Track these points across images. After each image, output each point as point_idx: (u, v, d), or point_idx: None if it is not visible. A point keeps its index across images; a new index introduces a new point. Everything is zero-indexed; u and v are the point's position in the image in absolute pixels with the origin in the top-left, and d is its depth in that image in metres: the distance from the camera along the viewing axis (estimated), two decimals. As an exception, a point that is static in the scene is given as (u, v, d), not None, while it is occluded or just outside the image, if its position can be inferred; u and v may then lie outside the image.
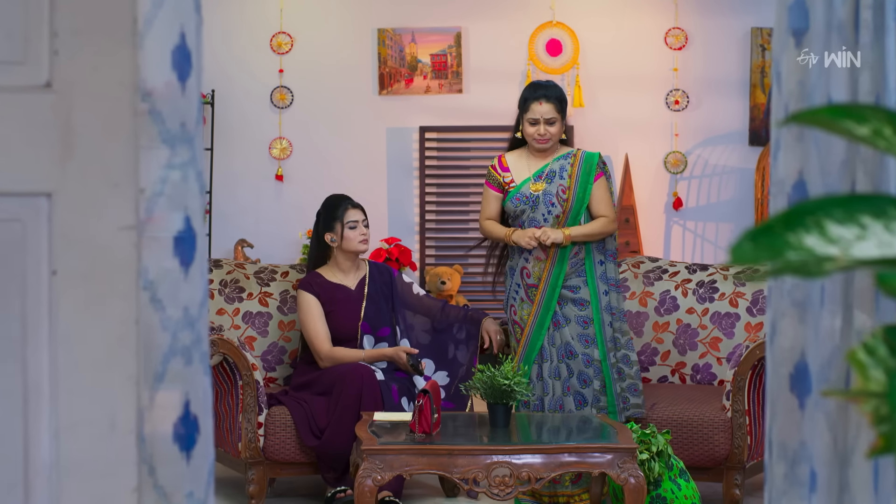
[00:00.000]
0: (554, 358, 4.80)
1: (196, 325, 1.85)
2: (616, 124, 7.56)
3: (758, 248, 1.19)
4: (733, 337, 5.27)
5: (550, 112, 4.73)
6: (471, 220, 7.73)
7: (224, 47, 7.67)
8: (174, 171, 1.80)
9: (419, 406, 4.21)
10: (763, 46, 7.74)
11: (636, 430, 4.37)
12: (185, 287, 1.82)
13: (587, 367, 4.76)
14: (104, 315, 1.75)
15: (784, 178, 1.78)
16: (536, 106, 4.74)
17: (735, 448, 4.73)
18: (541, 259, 4.80)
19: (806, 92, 1.86)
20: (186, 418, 1.83)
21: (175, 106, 1.81)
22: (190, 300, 1.84)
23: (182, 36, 1.82)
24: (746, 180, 7.74)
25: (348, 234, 4.96)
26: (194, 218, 1.83)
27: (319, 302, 4.97)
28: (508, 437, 4.31)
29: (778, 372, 1.95)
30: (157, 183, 1.78)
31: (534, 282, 4.81)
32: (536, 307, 4.79)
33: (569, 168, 4.80)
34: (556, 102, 4.74)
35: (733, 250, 1.19)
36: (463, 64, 7.66)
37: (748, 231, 1.20)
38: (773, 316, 1.85)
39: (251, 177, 7.71)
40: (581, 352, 4.76)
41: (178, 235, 1.81)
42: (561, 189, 4.76)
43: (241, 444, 4.76)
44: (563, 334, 4.78)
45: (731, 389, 4.74)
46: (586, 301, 4.78)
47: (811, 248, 1.17)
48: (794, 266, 1.18)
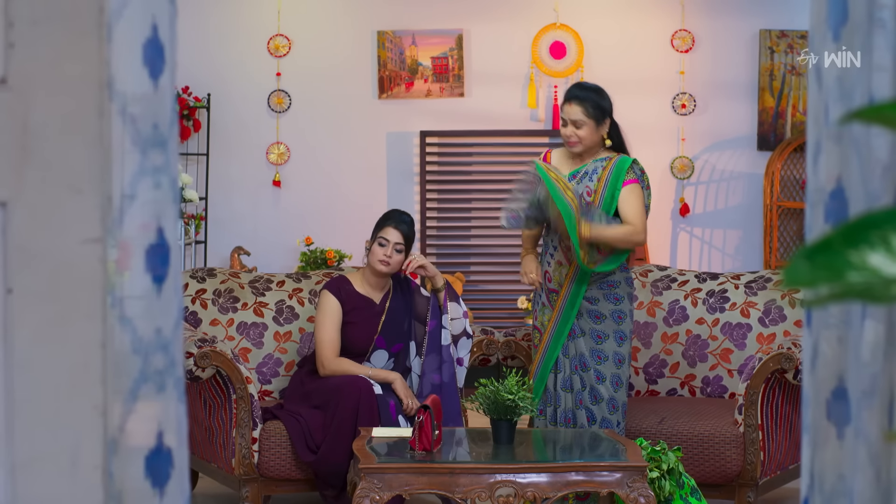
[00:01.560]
0: (567, 369, 4.63)
1: (170, 347, 1.67)
2: (625, 132, 7.38)
3: (815, 268, 1.01)
4: (745, 348, 5.11)
5: (577, 115, 4.57)
6: (473, 227, 7.66)
7: (220, 50, 7.60)
8: (145, 178, 1.63)
9: (419, 422, 4.04)
10: (772, 49, 7.61)
11: (646, 447, 4.20)
12: (158, 306, 1.65)
13: (598, 383, 4.58)
14: (66, 338, 1.58)
15: (824, 184, 1.60)
16: (567, 106, 4.61)
17: (748, 464, 4.56)
18: (562, 264, 4.62)
19: (846, 90, 1.68)
20: (159, 451, 1.66)
21: (146, 105, 1.64)
22: (163, 320, 1.66)
23: (154, 28, 1.65)
24: (755, 186, 7.66)
25: (375, 248, 4.81)
26: (168, 229, 1.65)
27: (342, 310, 4.79)
28: (512, 455, 4.13)
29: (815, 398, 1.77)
30: (126, 190, 1.60)
31: (555, 287, 4.64)
32: (557, 314, 4.62)
33: (600, 171, 4.63)
34: (587, 107, 4.56)
35: (787, 272, 1.01)
36: (465, 67, 7.58)
37: (803, 249, 1.01)
38: (814, 338, 1.67)
39: (248, 183, 7.64)
40: (593, 367, 4.59)
41: (149, 248, 1.63)
42: (587, 191, 4.59)
43: (234, 460, 4.61)
44: (577, 345, 4.61)
45: (743, 403, 4.58)
46: (603, 315, 4.60)
47: (877, 267, 0.99)
48: (858, 289, 1.00)
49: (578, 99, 4.58)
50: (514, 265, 7.44)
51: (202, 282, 5.19)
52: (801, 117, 7.60)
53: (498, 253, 7.63)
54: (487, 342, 5.11)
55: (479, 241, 7.67)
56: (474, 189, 7.64)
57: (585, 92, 4.62)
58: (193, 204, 7.29)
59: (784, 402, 4.71)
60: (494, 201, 7.60)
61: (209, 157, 7.54)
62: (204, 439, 4.81)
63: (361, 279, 4.91)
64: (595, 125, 4.57)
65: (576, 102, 4.57)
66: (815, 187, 1.62)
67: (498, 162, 7.64)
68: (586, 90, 4.64)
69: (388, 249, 4.79)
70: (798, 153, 7.59)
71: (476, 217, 7.63)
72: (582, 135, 4.57)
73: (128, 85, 1.62)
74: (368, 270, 4.89)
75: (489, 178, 7.64)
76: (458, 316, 4.86)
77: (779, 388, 4.66)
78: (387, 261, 4.79)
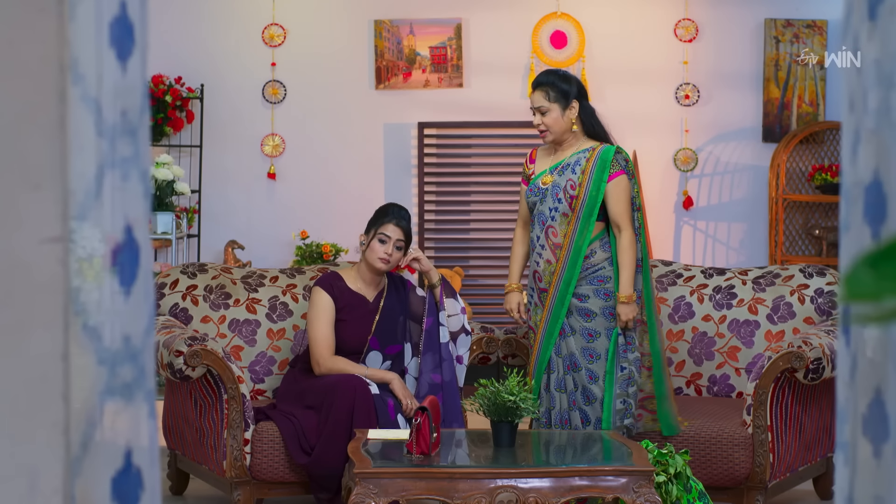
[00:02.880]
0: (560, 369, 4.49)
1: (139, 357, 1.52)
2: (623, 120, 7.26)
3: (880, 278, 0.85)
4: (753, 346, 4.98)
5: (540, 100, 4.51)
6: (472, 220, 7.56)
7: (214, 40, 7.49)
8: (112, 171, 1.48)
9: (417, 425, 3.90)
10: (777, 38, 7.48)
11: (652, 450, 4.05)
12: (126, 312, 1.49)
13: (591, 383, 4.44)
14: (24, 348, 1.43)
15: (863, 177, 1.45)
16: (531, 95, 4.57)
17: (757, 467, 4.42)
18: (550, 262, 4.49)
19: (885, 72, 1.52)
20: (128, 472, 1.51)
21: (114, 91, 1.49)
22: (132, 328, 1.51)
23: (123, 6, 1.49)
24: (760, 178, 7.54)
25: (374, 244, 4.65)
26: (137, 227, 1.50)
27: (335, 307, 4.65)
28: (514, 459, 3.97)
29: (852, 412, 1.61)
30: (90, 185, 1.45)
31: (544, 286, 4.50)
32: (547, 313, 4.48)
33: (583, 163, 4.49)
34: (548, 91, 4.49)
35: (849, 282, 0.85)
36: (463, 57, 7.47)
37: (866, 255, 0.86)
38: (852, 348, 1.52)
39: (242, 175, 7.55)
40: (585, 366, 4.44)
41: (117, 248, 1.48)
42: (570, 185, 4.45)
43: (226, 462, 4.46)
44: (568, 344, 4.47)
45: (752, 403, 4.44)
46: (593, 312, 4.46)
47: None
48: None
49: (540, 84, 4.52)
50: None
51: (193, 277, 5.05)
52: (807, 108, 7.48)
53: (497, 247, 7.52)
54: (487, 340, 4.97)
55: (479, 234, 7.56)
56: (473, 182, 7.53)
57: (547, 76, 4.55)
58: (186, 197, 7.20)
59: (794, 402, 4.57)
60: (494, 194, 7.49)
61: (202, 149, 7.45)
62: (195, 440, 4.67)
63: (355, 275, 4.76)
64: (560, 109, 4.48)
65: (537, 88, 4.51)
66: (854, 181, 1.47)
67: (498, 154, 7.54)
68: (548, 74, 4.57)
69: (389, 247, 4.65)
70: (804, 145, 7.48)
71: (475, 210, 7.52)
72: (548, 122, 4.49)
73: (92, 68, 1.46)
74: (364, 266, 4.73)
75: (488, 171, 7.53)
76: (456, 312, 4.71)
77: (788, 388, 4.52)
78: (387, 259, 4.64)
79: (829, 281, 5.01)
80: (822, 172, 7.38)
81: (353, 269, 4.80)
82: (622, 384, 4.42)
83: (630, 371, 4.43)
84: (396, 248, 4.66)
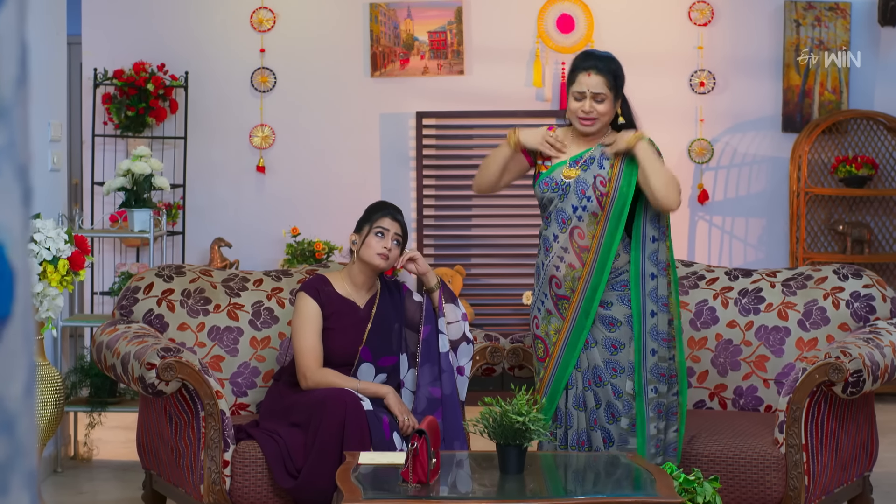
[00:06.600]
0: (579, 384, 4.10)
1: (16, 426, 1.10)
2: (634, 108, 6.96)
3: None
4: (782, 355, 4.63)
5: (600, 86, 4.13)
6: (474, 216, 7.45)
7: (199, 24, 7.40)
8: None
9: (413, 450, 3.51)
10: (798, 22, 7.30)
11: (678, 477, 3.65)
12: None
13: (616, 398, 4.05)
14: None
15: None
16: (584, 77, 4.15)
17: (790, 490, 4.07)
18: (574, 267, 4.08)
19: None
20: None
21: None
22: (4, 384, 1.09)
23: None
24: (780, 171, 7.43)
25: (371, 239, 4.32)
26: (11, 242, 1.08)
27: (322, 314, 4.30)
28: (522, 488, 3.61)
29: None
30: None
31: (565, 293, 4.10)
32: (568, 325, 4.09)
33: (612, 157, 4.13)
34: (609, 77, 4.15)
35: None
36: (464, 42, 7.41)
37: None
38: None
39: (230, 168, 7.47)
40: (609, 381, 4.06)
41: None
42: (599, 181, 4.09)
43: (203, 485, 4.13)
44: (590, 356, 4.08)
45: (784, 420, 4.08)
46: (617, 321, 4.07)
47: None
48: None
49: (598, 69, 4.15)
50: (519, 257, 7.29)
51: (169, 281, 4.69)
52: (829, 96, 7.30)
53: (501, 244, 7.35)
54: (492, 349, 4.61)
55: (481, 230, 7.41)
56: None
57: (605, 62, 4.20)
58: (169, 193, 7.08)
59: (830, 418, 4.20)
60: (497, 188, 7.26)
61: (187, 141, 7.31)
62: (170, 460, 4.32)
63: (342, 279, 4.42)
64: (614, 99, 4.19)
65: (596, 73, 4.15)
66: None
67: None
68: (605, 59, 4.22)
69: (388, 241, 4.32)
70: (827, 135, 7.34)
71: (477, 205, 7.35)
72: (602, 110, 4.15)
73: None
74: (356, 268, 4.39)
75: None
76: (457, 319, 4.38)
77: (825, 403, 4.14)
78: (386, 254, 4.31)
79: (866, 283, 4.63)
80: (845, 164, 7.23)
81: (342, 272, 4.46)
82: (654, 406, 4.04)
83: (657, 388, 4.05)
84: (395, 243, 4.32)
